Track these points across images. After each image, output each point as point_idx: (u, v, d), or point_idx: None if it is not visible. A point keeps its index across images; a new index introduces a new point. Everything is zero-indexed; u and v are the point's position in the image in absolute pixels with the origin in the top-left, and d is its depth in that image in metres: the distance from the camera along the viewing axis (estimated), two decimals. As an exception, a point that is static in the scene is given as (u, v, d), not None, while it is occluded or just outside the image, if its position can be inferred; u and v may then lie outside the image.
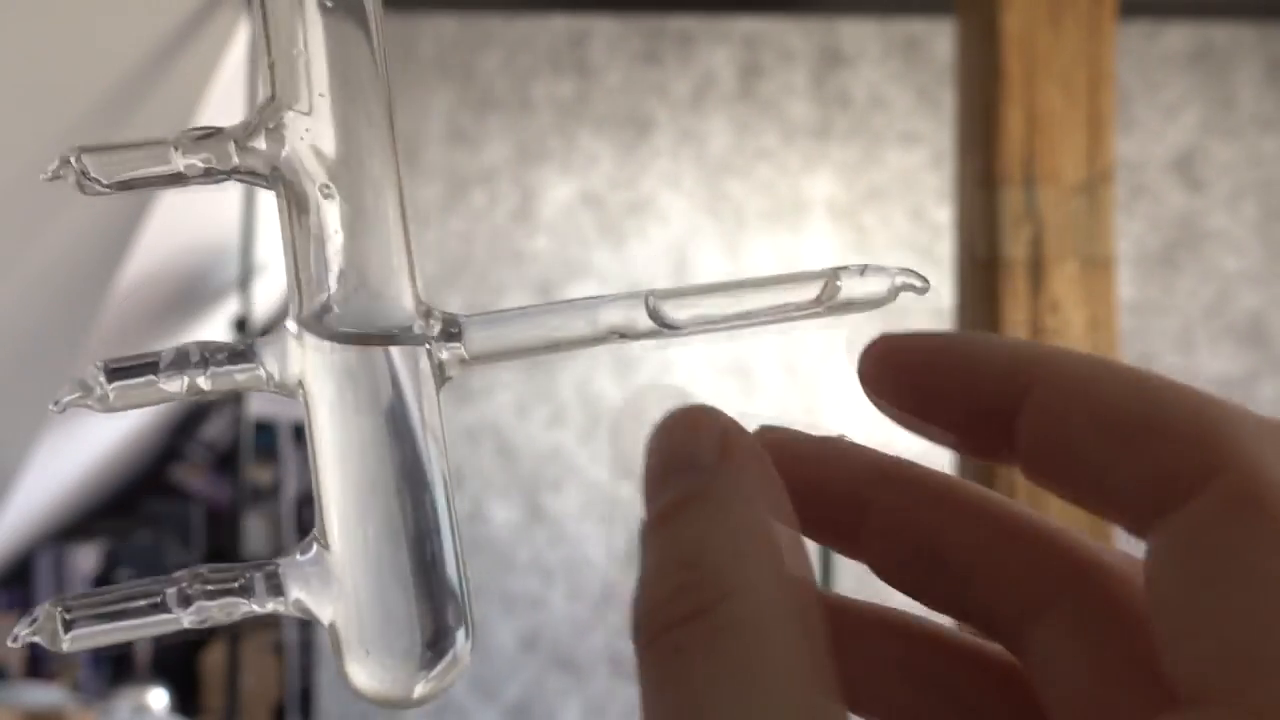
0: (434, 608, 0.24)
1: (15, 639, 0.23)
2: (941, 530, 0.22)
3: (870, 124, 2.44)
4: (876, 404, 0.22)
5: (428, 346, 0.24)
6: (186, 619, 0.23)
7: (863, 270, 0.25)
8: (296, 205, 0.24)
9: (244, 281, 2.55)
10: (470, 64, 2.43)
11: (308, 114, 0.24)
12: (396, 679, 0.24)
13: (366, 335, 0.24)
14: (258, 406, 3.28)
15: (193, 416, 3.97)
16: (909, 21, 2.43)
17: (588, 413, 2.42)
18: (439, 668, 0.24)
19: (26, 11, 1.68)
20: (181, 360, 0.24)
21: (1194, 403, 0.19)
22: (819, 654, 0.19)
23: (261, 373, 0.24)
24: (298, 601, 0.24)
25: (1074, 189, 1.43)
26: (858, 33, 2.44)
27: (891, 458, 0.23)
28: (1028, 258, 1.43)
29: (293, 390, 0.24)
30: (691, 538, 0.19)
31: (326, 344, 0.24)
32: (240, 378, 0.24)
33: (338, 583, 0.24)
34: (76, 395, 0.23)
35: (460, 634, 0.24)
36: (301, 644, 3.21)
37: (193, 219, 2.77)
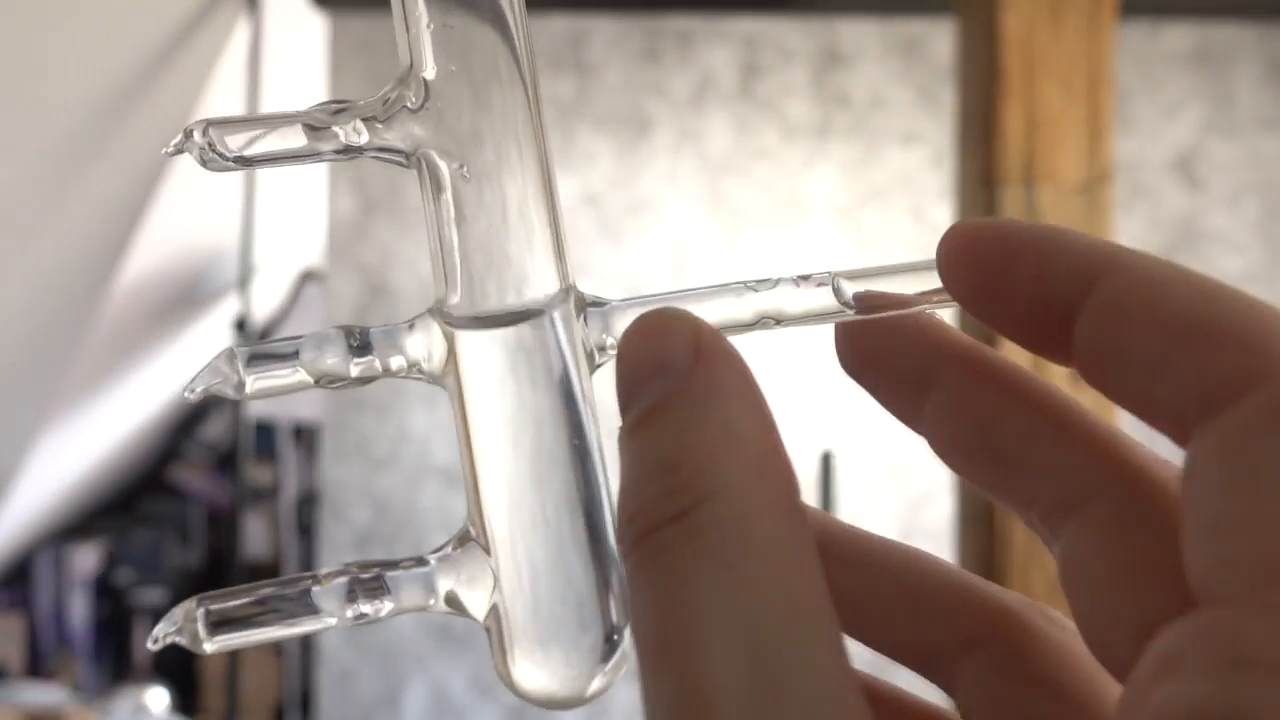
0: (608, 592, 0.22)
1: (155, 640, 0.22)
2: (1000, 414, 0.22)
3: (870, 123, 2.44)
4: (953, 294, 0.22)
5: (580, 329, 0.23)
6: (337, 619, 0.22)
7: None
8: (435, 184, 0.23)
9: (244, 282, 2.54)
10: (470, 64, 2.43)
11: (441, 90, 0.23)
12: (580, 674, 0.22)
13: (515, 315, 0.23)
14: (257, 406, 3.27)
15: (192, 416, 3.97)
16: (909, 21, 2.43)
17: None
18: (614, 660, 0.22)
19: (26, 12, 1.68)
20: (322, 346, 0.23)
21: (1252, 309, 0.18)
22: (802, 545, 0.19)
23: (405, 359, 0.23)
24: (450, 595, 0.23)
25: (1074, 189, 1.43)
26: (858, 33, 2.44)
27: (965, 338, 0.23)
28: (1028, 257, 1.42)
29: (440, 376, 0.23)
30: (670, 441, 0.19)
31: (486, 323, 0.23)
32: (387, 363, 0.23)
33: (507, 575, 0.22)
34: (213, 382, 0.22)
35: (628, 629, 0.22)
36: (301, 644, 3.21)
37: (192, 219, 2.77)
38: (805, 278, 0.24)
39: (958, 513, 1.52)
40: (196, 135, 0.22)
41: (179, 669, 3.40)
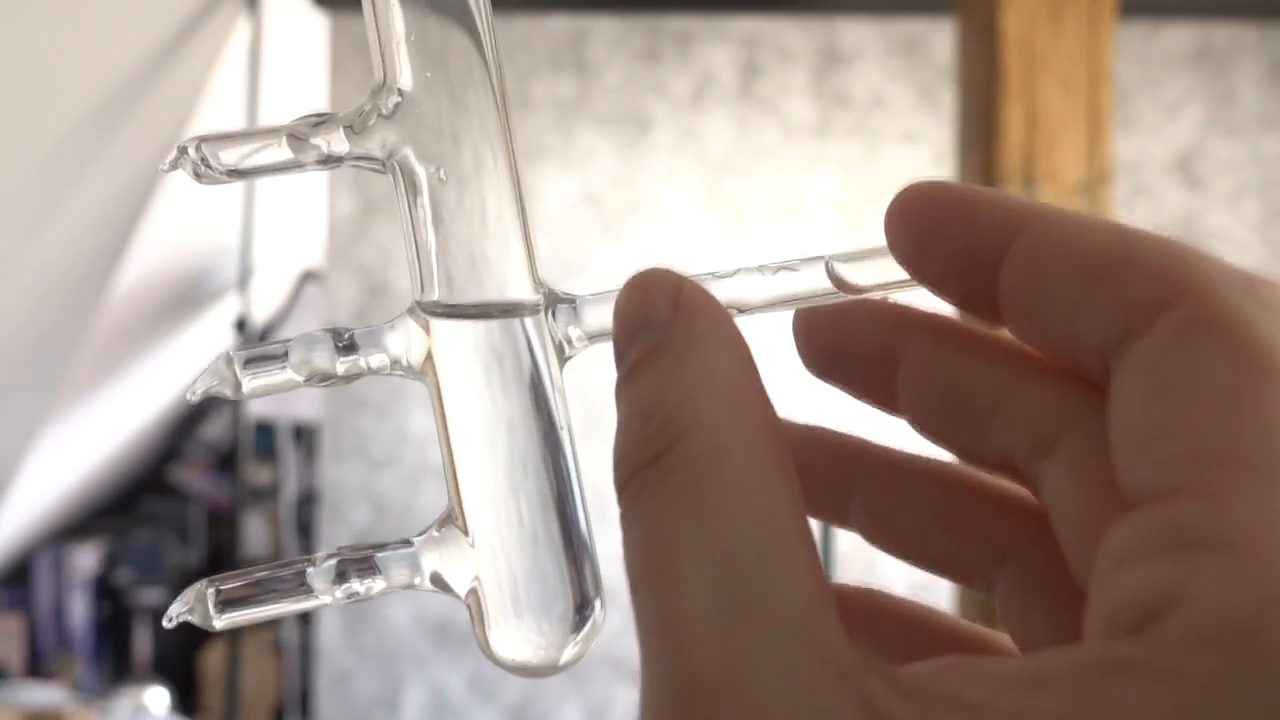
0: (578, 571, 0.24)
1: (170, 619, 0.24)
2: (968, 370, 0.23)
3: (870, 123, 2.44)
4: (894, 255, 0.23)
5: (548, 323, 0.25)
6: (331, 598, 0.24)
7: None
8: (411, 189, 0.24)
9: (244, 282, 2.54)
10: (470, 64, 2.43)
11: (417, 97, 0.24)
12: (551, 643, 0.24)
13: (487, 311, 0.24)
14: (257, 406, 3.27)
15: (192, 416, 3.97)
16: (909, 21, 2.43)
17: (588, 412, 2.42)
18: (585, 631, 0.24)
19: (26, 12, 1.68)
20: (310, 347, 0.24)
21: (1160, 243, 0.20)
22: (776, 474, 0.19)
23: (387, 356, 0.25)
24: (435, 575, 0.24)
25: (1074, 189, 1.43)
26: (858, 32, 2.44)
27: (920, 311, 0.24)
28: (1028, 257, 1.43)
29: (420, 373, 0.25)
30: (648, 390, 0.21)
31: (461, 322, 0.24)
32: (370, 362, 0.24)
33: (484, 555, 0.24)
34: (213, 383, 0.24)
35: (598, 601, 0.24)
36: (301, 644, 3.21)
37: (192, 219, 2.77)
38: (768, 266, 0.25)
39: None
40: (190, 151, 0.24)
41: (179, 669, 3.40)
